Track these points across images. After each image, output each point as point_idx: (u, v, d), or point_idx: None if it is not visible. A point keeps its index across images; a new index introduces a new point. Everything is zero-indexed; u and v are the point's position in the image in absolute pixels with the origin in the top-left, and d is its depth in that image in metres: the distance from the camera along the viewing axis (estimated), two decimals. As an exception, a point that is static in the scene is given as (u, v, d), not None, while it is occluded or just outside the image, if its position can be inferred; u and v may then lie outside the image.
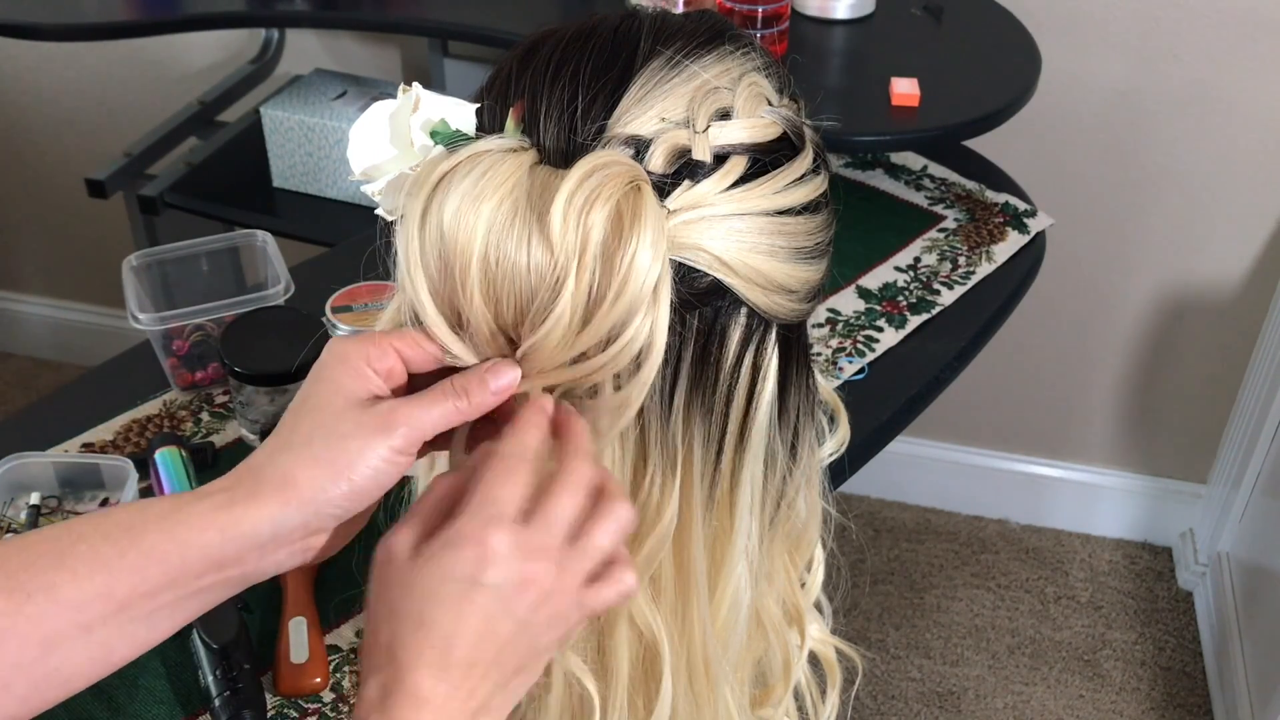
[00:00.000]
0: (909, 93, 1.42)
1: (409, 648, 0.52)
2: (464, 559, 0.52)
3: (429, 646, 0.52)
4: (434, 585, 0.52)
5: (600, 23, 0.60)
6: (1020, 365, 2.15)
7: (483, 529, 0.52)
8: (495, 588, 0.52)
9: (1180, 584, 2.20)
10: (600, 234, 0.53)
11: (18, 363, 2.60)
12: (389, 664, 0.52)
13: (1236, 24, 1.77)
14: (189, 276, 1.23)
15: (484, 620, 0.52)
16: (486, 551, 0.52)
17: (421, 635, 0.52)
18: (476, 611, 0.52)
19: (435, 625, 0.52)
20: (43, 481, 1.06)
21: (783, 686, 0.77)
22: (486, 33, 1.59)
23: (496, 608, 0.52)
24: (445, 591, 0.52)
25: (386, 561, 0.54)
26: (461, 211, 0.54)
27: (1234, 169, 1.88)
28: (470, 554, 0.52)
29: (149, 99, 2.17)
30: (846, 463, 0.84)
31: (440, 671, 0.52)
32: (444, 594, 0.52)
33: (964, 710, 1.99)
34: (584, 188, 0.53)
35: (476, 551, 0.52)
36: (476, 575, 0.52)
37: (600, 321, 0.54)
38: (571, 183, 0.53)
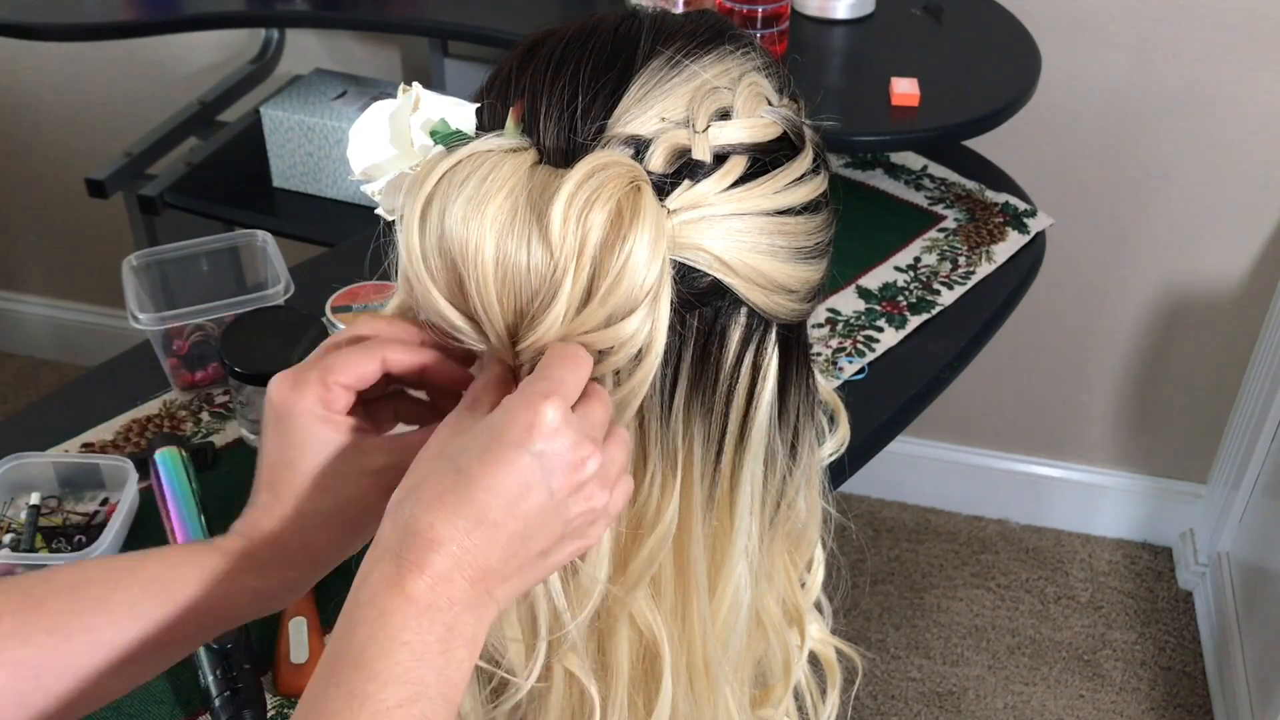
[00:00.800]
0: (909, 93, 1.42)
1: (439, 488, 0.52)
2: (515, 423, 0.52)
3: (454, 493, 0.51)
4: (478, 441, 0.52)
5: (600, 23, 0.60)
6: (1020, 365, 2.15)
7: (541, 400, 0.52)
8: (539, 455, 0.52)
9: (1180, 584, 2.20)
10: (600, 234, 0.53)
11: (18, 363, 2.60)
12: (413, 501, 0.52)
13: (1236, 24, 1.77)
14: (189, 276, 1.23)
15: (520, 485, 0.52)
16: (539, 421, 0.52)
17: (451, 479, 0.52)
18: (515, 473, 0.52)
19: (469, 475, 0.51)
20: (43, 481, 1.06)
21: (783, 686, 0.77)
22: (486, 33, 1.59)
23: (536, 476, 0.52)
24: (488, 449, 0.52)
25: (448, 425, 0.55)
26: (465, 213, 0.54)
27: (1234, 169, 1.88)
28: (523, 419, 0.52)
29: (149, 99, 2.17)
30: (846, 463, 0.84)
31: (461, 520, 0.51)
32: (486, 451, 0.52)
33: (964, 710, 1.99)
34: (584, 188, 0.53)
35: (528, 418, 0.52)
36: (523, 440, 0.52)
37: (590, 315, 0.54)
38: (572, 184, 0.53)
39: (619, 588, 0.62)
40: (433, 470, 0.53)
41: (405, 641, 0.50)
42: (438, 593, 0.51)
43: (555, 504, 0.53)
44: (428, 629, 0.51)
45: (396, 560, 0.51)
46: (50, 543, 1.01)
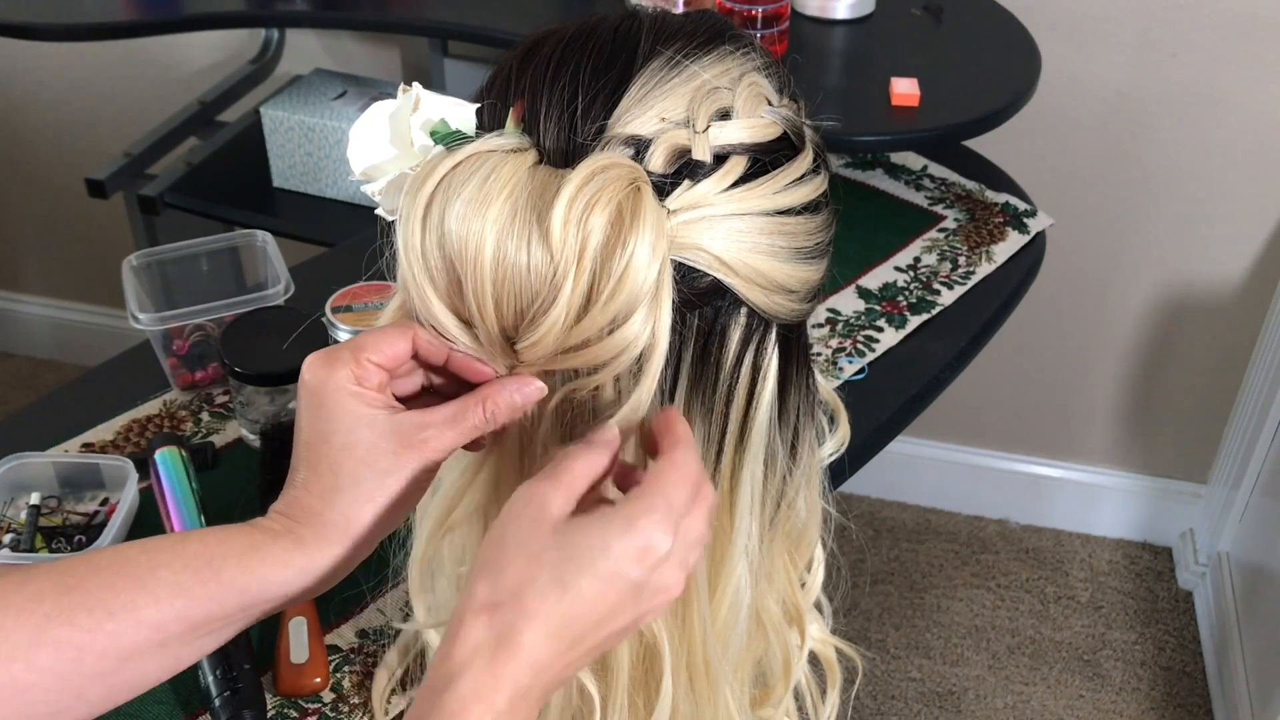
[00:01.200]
0: (909, 93, 1.42)
1: (540, 600, 0.52)
2: (629, 547, 0.53)
3: (558, 610, 0.52)
4: (590, 556, 0.53)
5: (600, 23, 0.60)
6: (1020, 365, 2.15)
7: (656, 528, 0.53)
8: (640, 586, 0.53)
9: (1180, 584, 2.20)
10: (600, 237, 0.53)
11: (18, 363, 2.60)
12: (512, 607, 0.52)
13: (1236, 24, 1.77)
14: (189, 276, 1.23)
15: (615, 607, 0.53)
16: (651, 550, 0.53)
17: (555, 595, 0.52)
18: (616, 598, 0.53)
19: (575, 593, 0.52)
20: (43, 481, 1.06)
21: (783, 686, 0.77)
22: (486, 33, 1.59)
23: (630, 601, 0.54)
24: (599, 567, 0.52)
25: (539, 511, 0.54)
26: (467, 215, 0.54)
27: (1234, 169, 1.88)
28: (638, 544, 0.53)
29: (149, 99, 2.17)
30: (846, 463, 0.84)
31: (554, 636, 0.52)
32: (596, 569, 0.52)
33: (964, 710, 1.99)
34: (585, 191, 0.53)
35: (643, 545, 0.53)
36: (633, 569, 0.53)
37: (592, 319, 0.54)
38: (572, 186, 0.53)
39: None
40: (536, 576, 0.53)
41: None
42: (516, 706, 0.52)
43: (633, 622, 0.55)
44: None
45: (491, 665, 0.51)
46: (50, 543, 1.01)
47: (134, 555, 0.59)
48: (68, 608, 0.56)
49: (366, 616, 0.96)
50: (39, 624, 0.56)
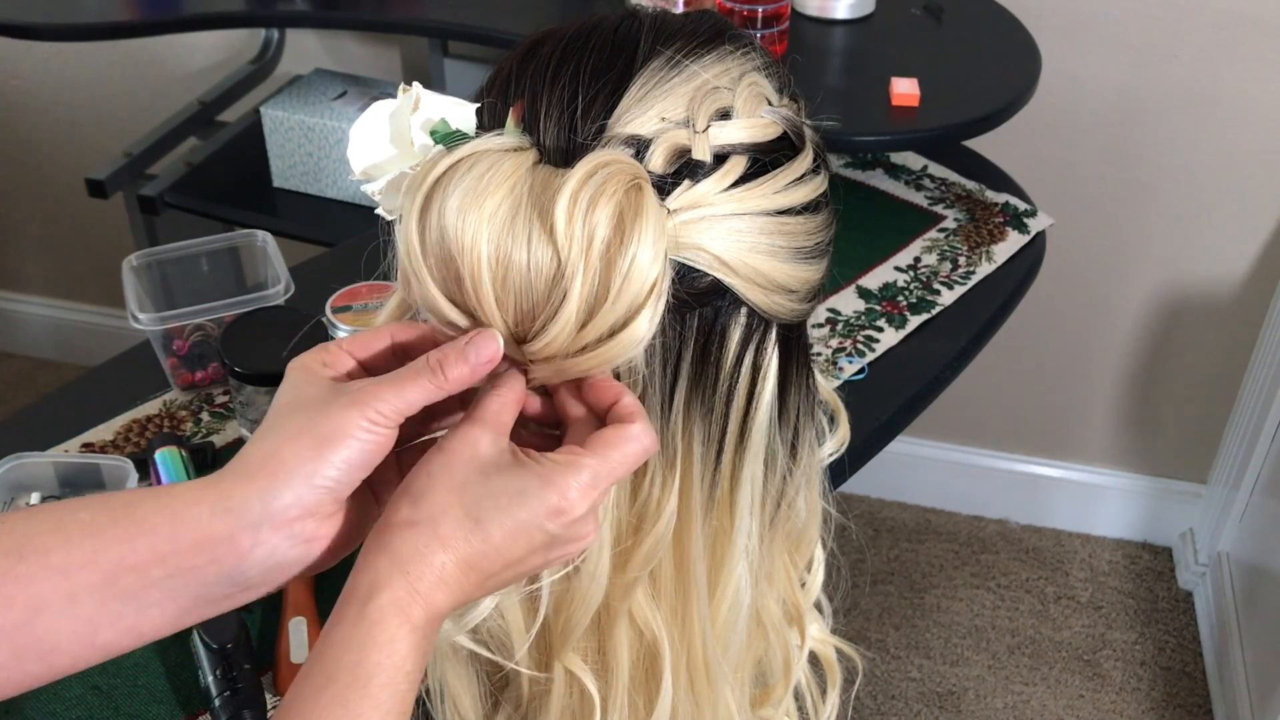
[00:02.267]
0: (909, 93, 1.42)
1: (453, 531, 0.54)
2: (544, 502, 0.55)
3: (469, 544, 0.54)
4: (506, 500, 0.54)
5: (600, 23, 0.60)
6: (1020, 365, 2.15)
7: (576, 492, 0.55)
8: (551, 537, 0.55)
9: (1180, 584, 2.20)
10: (605, 232, 0.53)
11: (18, 363, 2.60)
12: (428, 531, 0.54)
13: (1236, 24, 1.77)
14: (189, 276, 1.23)
15: (525, 552, 0.55)
16: (567, 511, 0.55)
17: (468, 530, 0.54)
18: (526, 544, 0.55)
19: (486, 533, 0.54)
20: (43, 481, 1.06)
21: (783, 686, 0.77)
22: (486, 33, 1.60)
23: (539, 549, 0.56)
24: (512, 513, 0.54)
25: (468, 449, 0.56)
26: (463, 209, 0.54)
27: (1234, 169, 1.88)
28: (554, 503, 0.55)
29: (149, 99, 2.17)
30: (846, 463, 0.84)
31: (465, 567, 0.54)
32: (509, 514, 0.54)
33: (964, 710, 1.99)
34: (588, 186, 0.53)
35: (560, 505, 0.55)
36: (546, 522, 0.55)
37: (602, 319, 0.54)
38: (575, 181, 0.53)
39: (618, 586, 0.62)
40: (452, 509, 0.54)
41: (407, 672, 0.53)
42: (432, 625, 0.54)
43: (543, 563, 0.57)
44: (418, 657, 0.54)
45: (409, 588, 0.53)
46: (50, 543, 1.01)
47: (66, 504, 0.56)
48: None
49: (366, 616, 0.96)
50: None
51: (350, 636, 0.53)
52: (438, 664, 0.71)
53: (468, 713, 0.70)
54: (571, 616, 0.63)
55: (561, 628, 0.63)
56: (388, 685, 0.52)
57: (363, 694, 0.52)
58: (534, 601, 0.63)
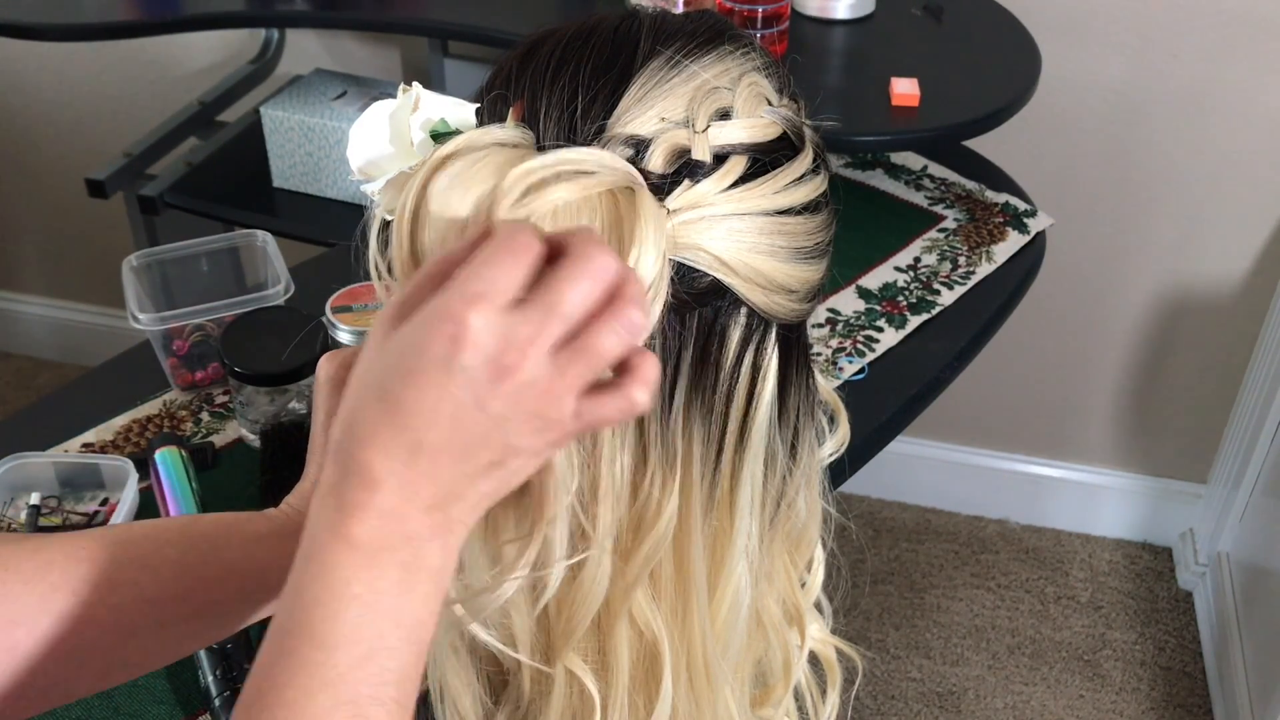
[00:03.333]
0: (909, 93, 1.42)
1: (367, 423, 0.48)
2: (439, 336, 0.46)
3: (387, 424, 0.47)
4: (403, 360, 0.47)
5: (600, 22, 0.60)
6: (1020, 365, 2.15)
7: (464, 306, 0.46)
8: (466, 371, 0.46)
9: (1180, 584, 2.20)
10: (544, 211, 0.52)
11: (18, 363, 2.60)
12: (347, 438, 0.48)
13: (1236, 24, 1.77)
14: (189, 276, 1.23)
15: (452, 406, 0.47)
16: (464, 331, 0.46)
17: (381, 410, 0.47)
18: (444, 396, 0.46)
19: (397, 402, 0.47)
20: (43, 481, 1.06)
21: (783, 686, 0.77)
22: (486, 33, 1.60)
23: (465, 394, 0.46)
24: (413, 367, 0.47)
25: (379, 323, 0.49)
26: (449, 188, 0.54)
27: (1234, 169, 1.88)
28: (447, 331, 0.46)
29: (149, 99, 2.17)
30: (846, 463, 0.84)
31: (398, 451, 0.47)
32: (411, 370, 0.47)
33: (964, 710, 1.99)
34: (544, 170, 0.53)
35: (454, 330, 0.46)
36: (450, 356, 0.46)
37: None
38: (531, 164, 0.53)
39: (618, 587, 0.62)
40: (361, 399, 0.48)
41: (355, 595, 0.47)
42: (388, 532, 0.48)
43: (494, 421, 0.47)
44: (380, 574, 0.48)
45: (338, 504, 0.48)
46: (50, 543, 1.01)
47: (146, 531, 0.59)
48: (74, 579, 0.56)
49: (366, 616, 0.96)
50: (45, 593, 0.56)
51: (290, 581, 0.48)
52: (438, 664, 0.71)
53: (468, 713, 0.70)
54: (573, 617, 0.63)
55: (562, 628, 0.63)
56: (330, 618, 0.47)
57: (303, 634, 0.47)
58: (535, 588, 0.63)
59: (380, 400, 0.47)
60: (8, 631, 0.55)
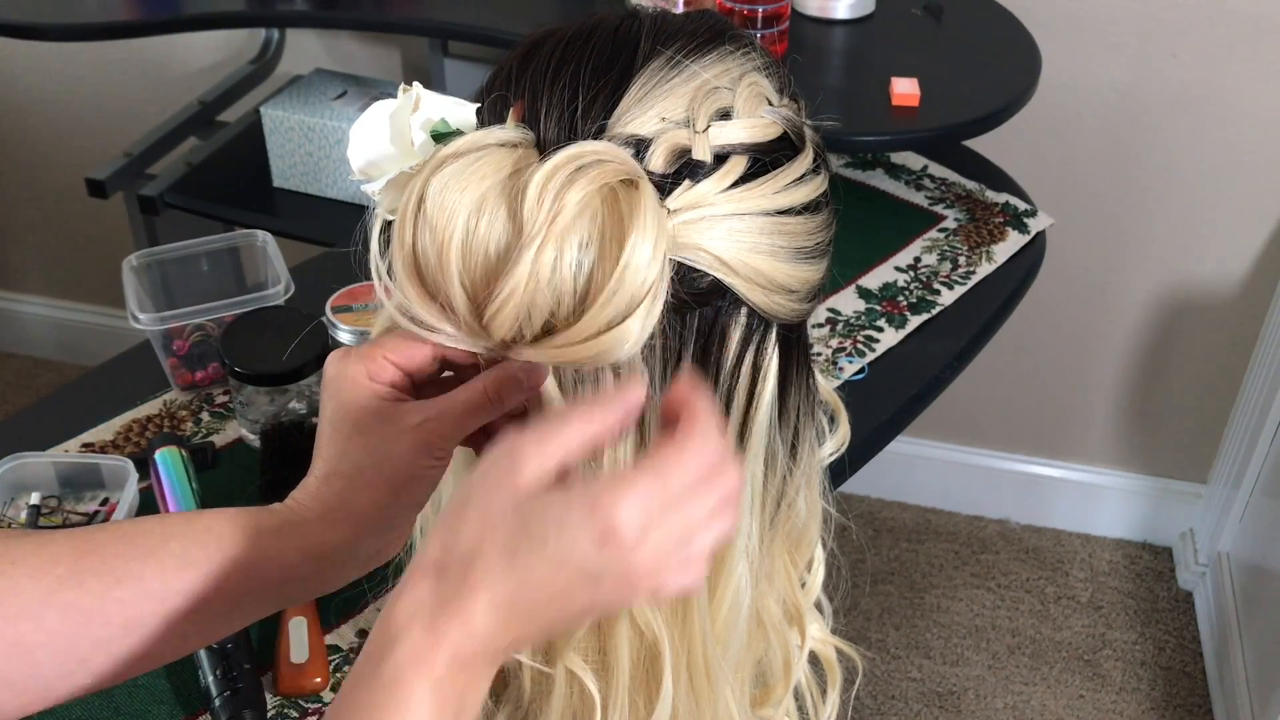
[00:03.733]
0: (909, 93, 1.42)
1: (486, 571, 0.50)
2: (589, 529, 0.49)
3: (505, 584, 0.50)
4: (545, 531, 0.50)
5: (600, 23, 0.60)
6: (1020, 365, 2.15)
7: (626, 512, 0.49)
8: (598, 573, 0.50)
9: (1180, 584, 2.20)
10: (573, 212, 0.53)
11: (18, 363, 2.60)
12: (458, 574, 0.50)
13: (1236, 24, 1.77)
14: (189, 276, 1.23)
15: (568, 588, 0.50)
16: (615, 541, 0.49)
17: (503, 568, 0.50)
18: (568, 578, 0.50)
19: (524, 570, 0.50)
20: (43, 481, 1.06)
21: (783, 686, 0.77)
22: (486, 33, 1.59)
23: (585, 584, 0.50)
24: (552, 545, 0.50)
25: (508, 473, 0.51)
26: (445, 189, 0.54)
27: (1234, 169, 1.88)
28: (598, 528, 0.49)
29: (149, 99, 2.17)
30: (846, 463, 0.83)
31: (502, 610, 0.50)
32: (549, 547, 0.50)
33: (964, 710, 1.99)
34: (566, 168, 0.53)
35: (606, 535, 0.49)
36: (590, 555, 0.50)
37: (592, 317, 0.54)
38: (553, 162, 0.53)
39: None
40: (485, 542, 0.50)
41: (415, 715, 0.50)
42: (459, 675, 0.50)
43: (593, 605, 0.52)
44: (442, 711, 0.50)
45: (430, 628, 0.50)
46: (50, 543, 1.01)
47: (151, 525, 0.59)
48: (80, 571, 0.57)
49: (367, 616, 0.96)
50: (51, 586, 0.56)
51: (368, 694, 0.50)
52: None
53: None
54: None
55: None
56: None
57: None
58: None
59: (509, 559, 0.50)
60: (13, 625, 0.55)
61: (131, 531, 0.59)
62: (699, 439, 0.52)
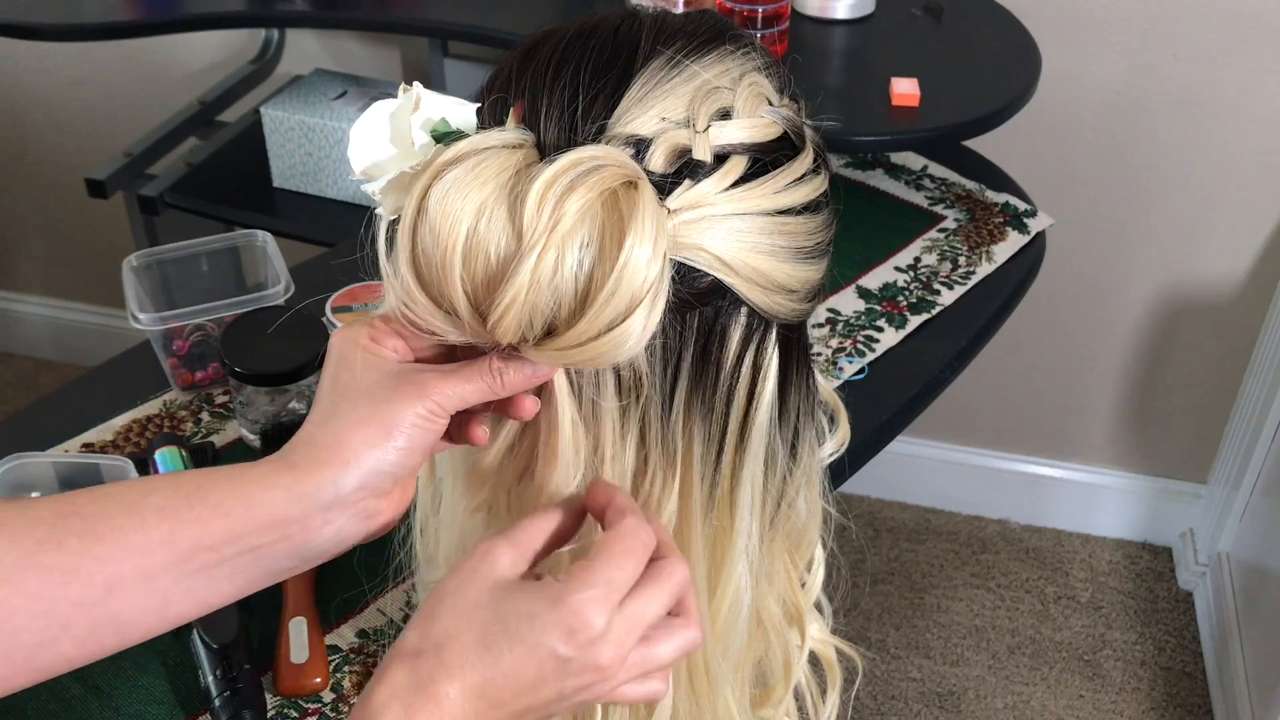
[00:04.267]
0: (909, 93, 1.42)
1: (460, 658, 0.54)
2: (557, 622, 0.53)
3: (477, 670, 0.53)
4: (515, 623, 0.54)
5: (601, 22, 0.60)
6: (1020, 365, 2.15)
7: (587, 606, 0.54)
8: (565, 661, 0.54)
9: (1180, 584, 2.20)
10: (573, 220, 0.53)
11: (18, 363, 2.60)
12: (433, 659, 0.54)
13: (1236, 24, 1.77)
14: (189, 276, 1.23)
15: (536, 678, 0.54)
16: (580, 630, 0.54)
17: (476, 655, 0.54)
18: (537, 670, 0.54)
19: (495, 658, 0.53)
20: (43, 481, 1.06)
21: (783, 686, 0.77)
22: (486, 33, 1.59)
23: (553, 676, 0.54)
24: (522, 636, 0.54)
25: (484, 566, 0.56)
26: (449, 195, 0.54)
27: (1234, 169, 1.88)
28: (567, 622, 0.53)
29: (149, 99, 2.17)
30: (846, 463, 0.84)
31: (473, 696, 0.53)
32: (519, 637, 0.54)
33: (964, 710, 1.99)
34: (567, 175, 0.53)
35: (573, 624, 0.53)
36: (558, 642, 0.53)
37: (592, 318, 0.54)
38: (553, 169, 0.53)
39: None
40: (461, 634, 0.54)
41: None
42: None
43: (559, 697, 0.55)
44: None
45: (407, 710, 0.53)
46: (50, 543, 1.01)
47: (135, 486, 0.59)
48: (60, 532, 0.55)
49: (367, 616, 0.96)
50: (31, 548, 0.55)
51: None
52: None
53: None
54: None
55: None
56: None
57: None
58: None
59: (482, 648, 0.54)
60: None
61: (114, 491, 0.58)
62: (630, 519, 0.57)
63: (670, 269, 0.56)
